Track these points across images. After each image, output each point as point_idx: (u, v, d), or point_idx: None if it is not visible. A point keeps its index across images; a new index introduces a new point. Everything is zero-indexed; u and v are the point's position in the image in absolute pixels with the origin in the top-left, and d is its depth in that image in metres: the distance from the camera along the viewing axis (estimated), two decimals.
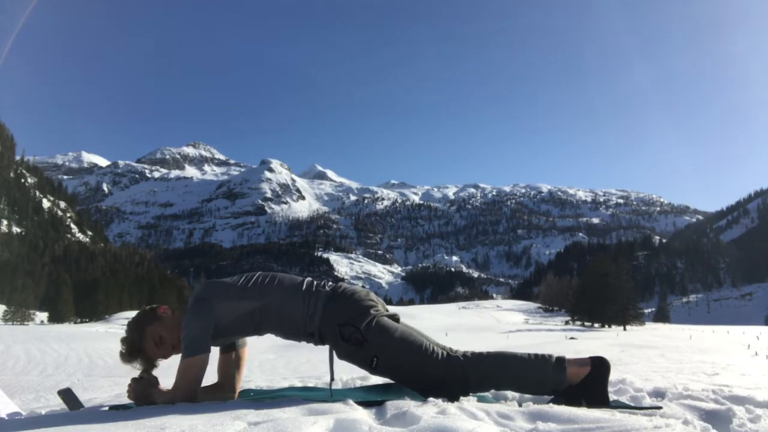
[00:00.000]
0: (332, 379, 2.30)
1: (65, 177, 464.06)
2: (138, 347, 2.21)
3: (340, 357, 2.19)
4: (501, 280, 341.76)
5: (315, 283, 2.29)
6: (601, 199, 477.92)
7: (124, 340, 2.23)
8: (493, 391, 2.28)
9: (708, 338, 29.87)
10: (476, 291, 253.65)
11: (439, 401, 1.85)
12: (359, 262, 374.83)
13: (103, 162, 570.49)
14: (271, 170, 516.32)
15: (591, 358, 2.20)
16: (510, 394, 2.32)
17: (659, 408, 2.01)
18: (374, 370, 2.18)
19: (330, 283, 2.32)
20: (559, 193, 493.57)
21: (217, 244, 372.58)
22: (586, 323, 63.43)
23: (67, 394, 2.31)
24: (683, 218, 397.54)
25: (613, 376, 2.54)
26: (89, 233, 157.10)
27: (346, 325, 2.13)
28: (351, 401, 1.86)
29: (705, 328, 54.16)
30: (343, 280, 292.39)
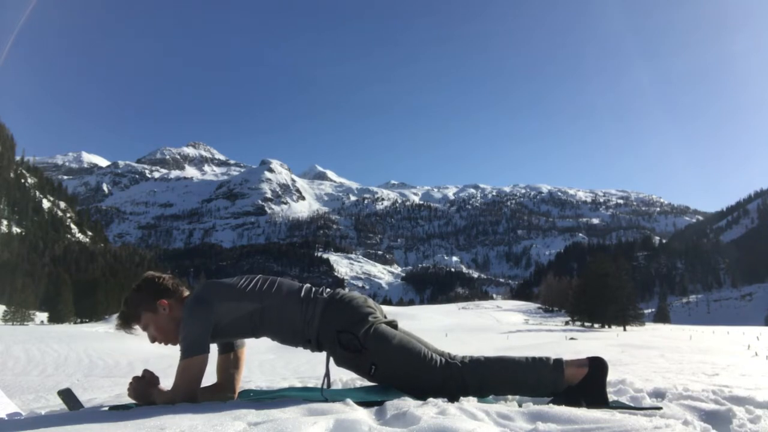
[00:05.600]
0: (329, 385, 2.29)
1: (65, 177, 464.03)
2: (130, 322, 2.29)
3: (338, 364, 2.18)
4: (501, 280, 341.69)
5: (314, 289, 2.27)
6: (601, 200, 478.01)
7: (122, 314, 2.30)
8: None
9: (708, 339, 29.87)
10: (476, 291, 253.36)
11: (439, 401, 1.85)
12: (359, 262, 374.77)
13: (103, 162, 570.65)
14: (271, 170, 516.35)
15: (589, 358, 2.20)
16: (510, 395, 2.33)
17: (659, 408, 2.00)
18: (372, 378, 2.18)
19: (328, 289, 2.30)
20: (559, 193, 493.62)
21: (217, 245, 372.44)
22: (586, 323, 63.44)
23: (67, 395, 2.32)
24: (683, 219, 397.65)
25: (613, 377, 2.55)
26: (89, 233, 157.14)
27: (344, 332, 2.12)
28: (351, 401, 1.85)
29: (705, 328, 54.17)
30: (343, 280, 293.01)
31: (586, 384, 2.13)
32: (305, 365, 12.88)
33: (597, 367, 2.16)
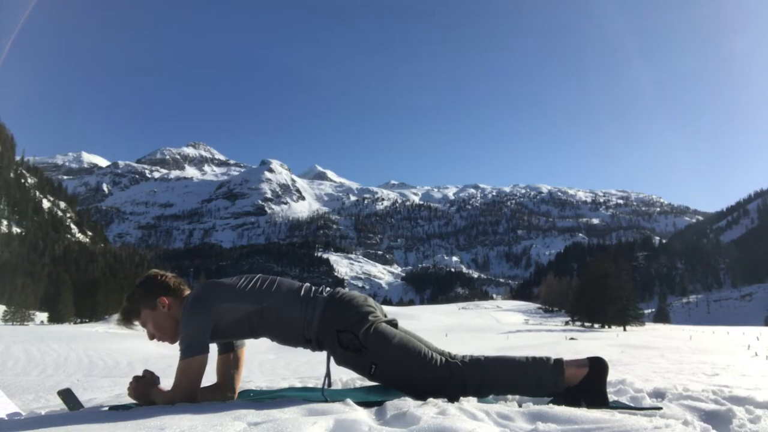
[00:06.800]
0: (329, 385, 2.29)
1: (65, 177, 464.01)
2: (130, 318, 2.31)
3: (339, 363, 2.17)
4: (501, 280, 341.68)
5: (313, 288, 2.26)
6: (601, 200, 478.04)
7: (123, 309, 2.32)
8: None
9: (708, 339, 29.89)
10: (476, 291, 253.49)
11: (439, 401, 1.85)
12: (359, 262, 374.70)
13: (103, 162, 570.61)
14: (271, 170, 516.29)
15: (589, 358, 2.20)
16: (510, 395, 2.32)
17: (659, 408, 2.00)
18: (373, 377, 2.16)
19: (328, 288, 2.28)
20: (559, 193, 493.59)
21: (217, 245, 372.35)
22: (586, 324, 63.45)
23: (67, 395, 2.31)
24: (683, 219, 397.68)
25: (613, 377, 2.54)
26: (89, 233, 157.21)
27: (345, 332, 2.11)
28: (351, 401, 1.85)
29: (705, 328, 54.22)
30: (343, 280, 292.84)
31: (586, 384, 2.12)
32: (305, 365, 12.88)
33: (597, 367, 2.15)
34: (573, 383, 2.13)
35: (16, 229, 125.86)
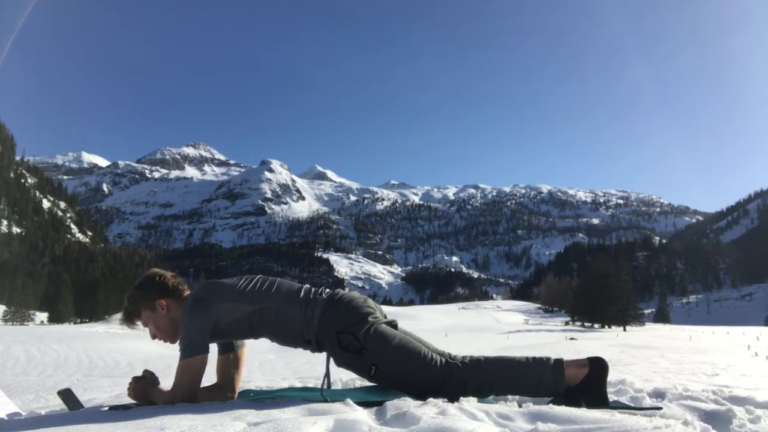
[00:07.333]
0: (329, 386, 2.29)
1: (65, 177, 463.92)
2: (132, 319, 2.34)
3: (339, 364, 2.18)
4: (501, 280, 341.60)
5: (313, 290, 2.27)
6: (601, 200, 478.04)
7: (124, 310, 2.34)
8: None
9: (708, 339, 29.91)
10: (476, 291, 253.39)
11: (439, 401, 1.85)
12: (359, 262, 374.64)
13: (103, 162, 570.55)
14: (271, 170, 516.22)
15: (589, 358, 2.20)
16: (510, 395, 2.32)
17: (659, 408, 2.00)
18: (373, 378, 2.17)
19: (328, 290, 2.29)
20: (559, 193, 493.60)
21: (217, 245, 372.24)
22: (586, 324, 63.46)
23: (67, 395, 2.32)
24: (683, 219, 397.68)
25: (613, 377, 2.54)
26: (89, 233, 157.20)
27: (344, 333, 2.11)
28: (351, 401, 1.85)
29: (705, 328, 54.23)
30: (343, 281, 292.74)
31: (587, 384, 2.12)
32: (305, 365, 12.88)
33: (597, 367, 2.15)
34: (573, 383, 2.13)
35: (16, 229, 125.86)
